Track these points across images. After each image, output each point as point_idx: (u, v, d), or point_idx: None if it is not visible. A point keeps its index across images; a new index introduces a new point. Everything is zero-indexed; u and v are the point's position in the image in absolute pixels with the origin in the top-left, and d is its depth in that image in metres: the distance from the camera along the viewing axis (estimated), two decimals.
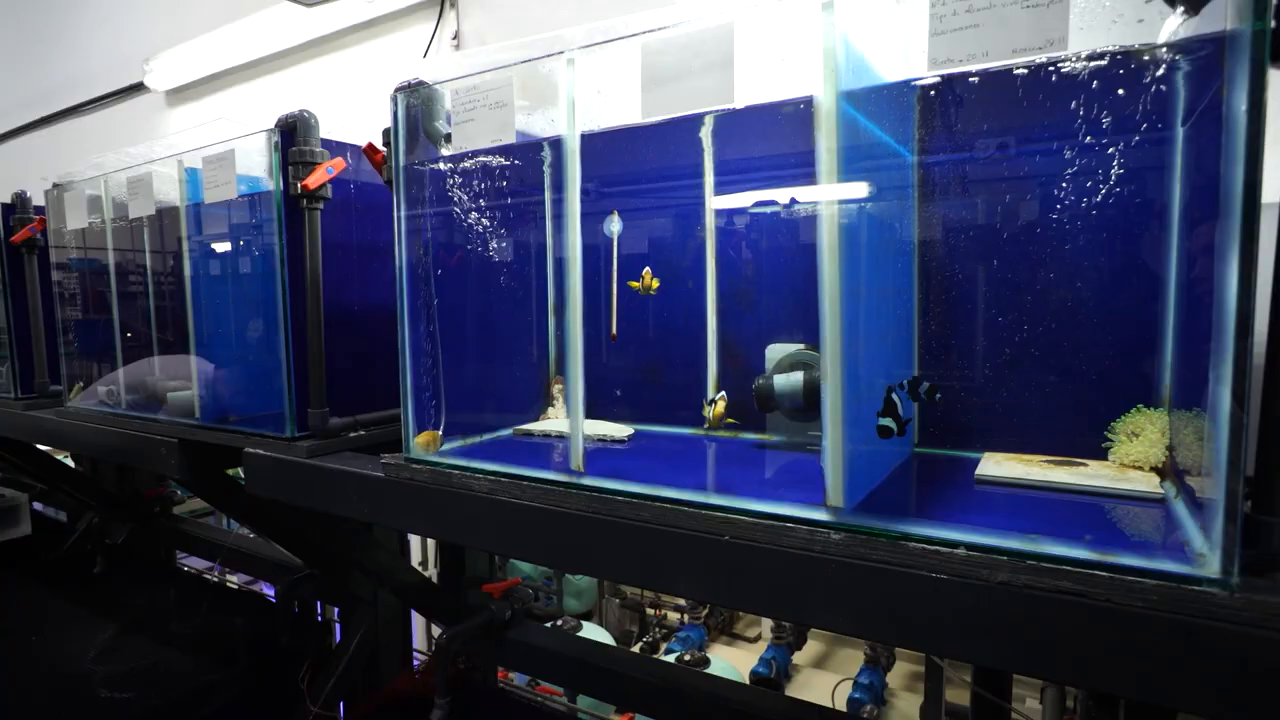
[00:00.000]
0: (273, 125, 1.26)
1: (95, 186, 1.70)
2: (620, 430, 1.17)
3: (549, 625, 2.97)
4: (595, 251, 1.27)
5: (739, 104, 0.85)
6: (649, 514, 0.87)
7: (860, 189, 0.86)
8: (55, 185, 1.79)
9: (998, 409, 1.11)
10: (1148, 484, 0.89)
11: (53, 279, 1.92)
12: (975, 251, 1.12)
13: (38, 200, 1.93)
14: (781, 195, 1.23)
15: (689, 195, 1.27)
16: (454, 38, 2.53)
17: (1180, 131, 0.93)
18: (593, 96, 0.98)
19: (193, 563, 3.00)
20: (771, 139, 1.17)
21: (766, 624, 4.20)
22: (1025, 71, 0.94)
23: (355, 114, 2.71)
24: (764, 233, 1.29)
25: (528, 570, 4.04)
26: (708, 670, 2.65)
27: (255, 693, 1.91)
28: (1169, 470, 0.92)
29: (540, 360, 1.27)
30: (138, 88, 3.78)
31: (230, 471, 1.57)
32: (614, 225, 1.16)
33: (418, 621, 2.51)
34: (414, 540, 2.73)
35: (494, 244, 1.19)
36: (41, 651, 2.05)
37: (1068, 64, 0.89)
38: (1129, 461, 0.96)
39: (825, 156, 0.78)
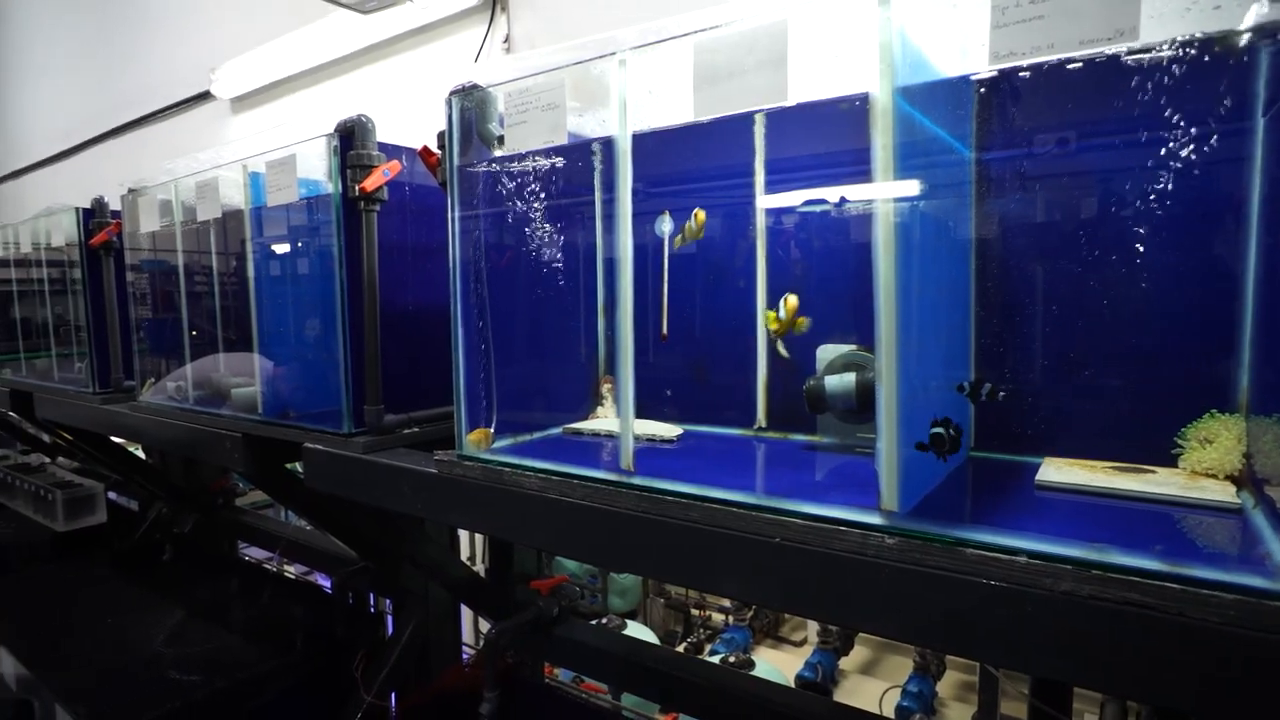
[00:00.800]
0: (332, 130, 1.30)
1: (166, 191, 1.78)
2: (669, 430, 1.17)
3: (594, 623, 2.99)
4: (643, 251, 1.28)
5: (791, 101, 0.85)
6: (698, 514, 0.87)
7: (916, 186, 0.84)
8: (130, 190, 1.88)
9: (1059, 413, 1.07)
10: (1223, 493, 0.85)
11: (127, 280, 2.02)
12: (1036, 249, 1.08)
13: (115, 205, 2.02)
14: (833, 194, 1.21)
15: (739, 194, 1.26)
16: (504, 41, 2.56)
17: (1260, 122, 0.89)
18: (644, 97, 0.98)
19: (253, 553, 3.11)
20: (823, 137, 1.15)
21: (812, 628, 4.15)
22: (1090, 64, 0.91)
23: (409, 118, 2.77)
24: (815, 232, 1.27)
25: (573, 568, 4.08)
26: (752, 673, 2.64)
27: (312, 680, 1.97)
28: (1246, 479, 0.88)
29: (589, 359, 1.28)
30: (204, 96, 3.93)
31: (289, 466, 1.62)
32: (665, 225, 1.16)
33: (465, 616, 2.55)
34: (462, 535, 2.77)
35: (544, 244, 1.21)
36: (118, 633, 2.15)
37: (1139, 55, 0.86)
38: (1201, 469, 0.92)
39: (881, 154, 0.77)
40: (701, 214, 1.14)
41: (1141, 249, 0.99)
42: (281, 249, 1.52)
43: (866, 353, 1.15)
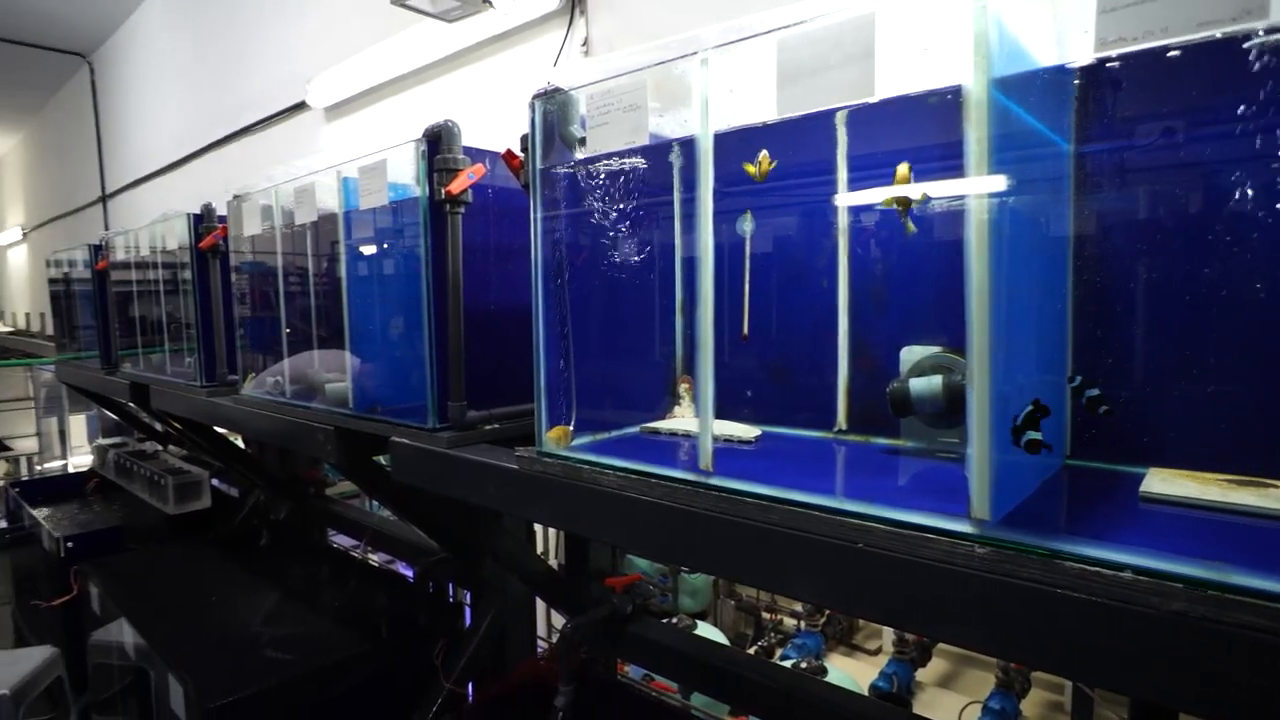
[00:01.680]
0: (420, 135, 1.35)
1: (267, 197, 1.88)
2: (748, 431, 1.16)
3: (665, 622, 2.99)
4: (720, 250, 1.27)
5: (878, 97, 0.83)
6: (778, 517, 0.86)
7: (1011, 181, 0.80)
8: (235, 196, 2.00)
9: (1165, 421, 1.00)
10: None
11: (231, 280, 2.15)
12: (1141, 247, 1.02)
13: (221, 210, 2.16)
14: (915, 190, 1.18)
15: (821, 192, 1.24)
16: (583, 44, 2.60)
17: None
18: (725, 96, 0.98)
19: (340, 540, 3.26)
20: (910, 132, 1.12)
21: (888, 636, 4.04)
22: (1207, 46, 0.85)
23: (490, 121, 2.85)
24: (898, 230, 1.23)
25: (643, 566, 4.10)
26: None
27: (395, 666, 2.05)
28: None
29: (667, 359, 1.28)
30: (300, 106, 4.15)
31: (377, 458, 1.69)
32: (746, 225, 1.15)
33: (538, 609, 2.60)
34: (538, 530, 2.83)
35: (624, 244, 1.22)
36: (220, 611, 2.30)
37: (1262, 36, 0.80)
38: None
39: (974, 148, 0.74)
40: (765, 158, 1.09)
41: (1261, 245, 0.92)
42: (372, 250, 1.59)
43: (954, 355, 1.11)
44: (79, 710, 2.92)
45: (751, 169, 1.12)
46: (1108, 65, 0.97)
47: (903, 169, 1.04)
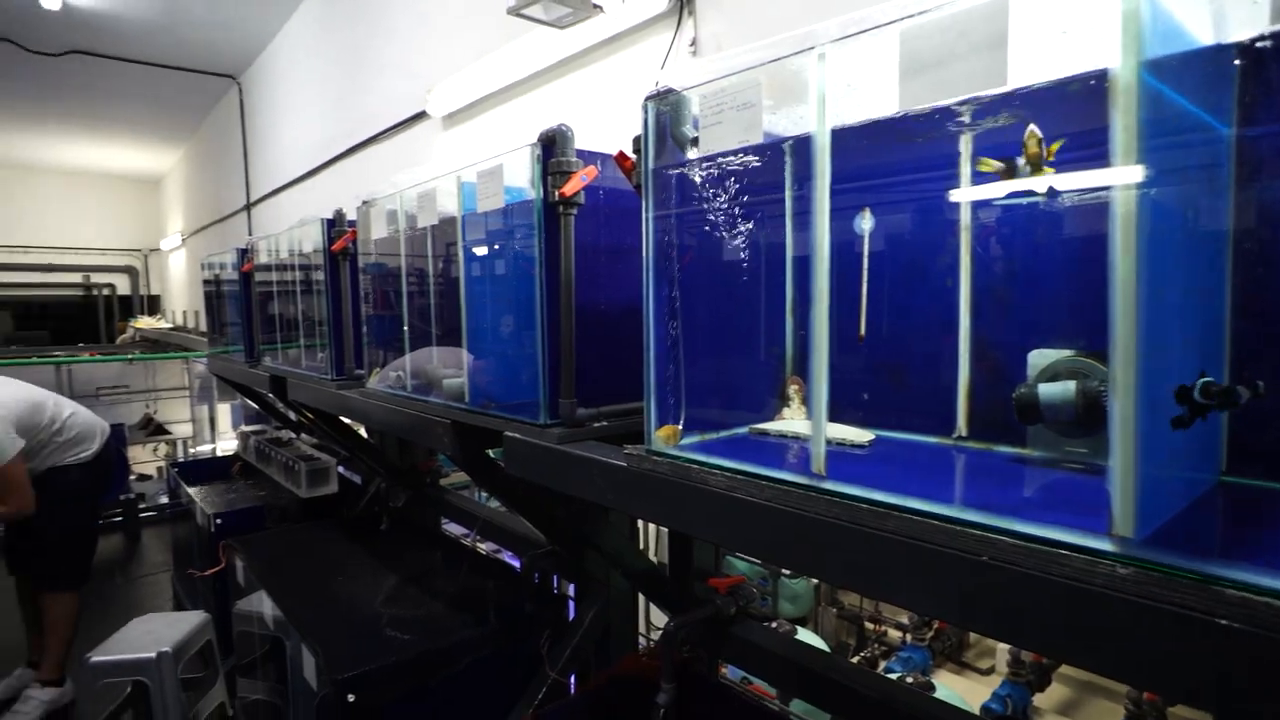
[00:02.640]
0: (535, 140, 1.39)
1: (392, 202, 2.00)
2: (861, 435, 1.13)
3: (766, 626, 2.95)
4: (833, 249, 1.23)
5: (1010, 86, 0.78)
6: (895, 525, 0.83)
7: (1162, 171, 0.74)
8: (364, 202, 2.13)
9: None
10: None
11: (359, 280, 2.30)
12: None
13: (351, 214, 2.31)
14: (1040, 184, 1.10)
15: (942, 187, 1.18)
16: (691, 44, 2.60)
17: None
18: (842, 91, 0.95)
19: (452, 528, 3.42)
20: (1042, 122, 1.05)
21: (1001, 656, 3.80)
22: None
23: (598, 124, 2.90)
24: (1027, 226, 1.16)
25: (742, 568, 4.06)
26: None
27: (503, 652, 2.13)
28: None
29: (777, 360, 1.26)
30: (421, 115, 4.39)
31: (489, 451, 1.76)
32: (865, 223, 1.11)
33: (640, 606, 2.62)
34: (640, 526, 2.86)
35: (734, 243, 1.21)
36: (345, 590, 2.46)
37: None
38: None
39: (1122, 136, 0.69)
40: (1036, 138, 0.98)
41: None
42: (489, 252, 1.66)
43: (1088, 359, 1.03)
44: (225, 672, 3.21)
45: (1033, 150, 0.98)
46: (1275, 41, 0.88)
47: (1031, 144, 0.95)
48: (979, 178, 1.16)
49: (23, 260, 12.48)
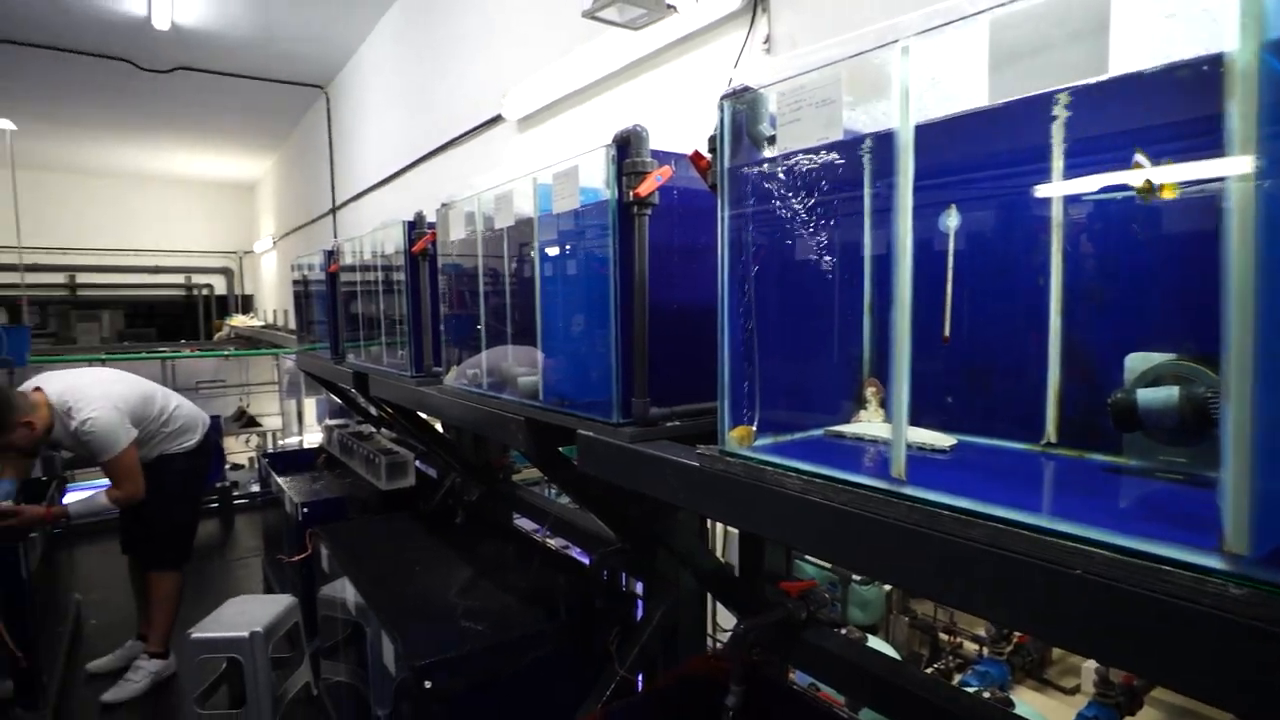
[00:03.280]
0: (610, 141, 1.40)
1: (470, 204, 2.05)
2: (942, 439, 1.09)
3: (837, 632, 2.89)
4: (914, 247, 1.20)
5: (1111, 73, 0.74)
6: (980, 534, 0.80)
7: None
8: (443, 204, 2.20)
9: None
10: None
11: (438, 280, 2.37)
12: None
13: (430, 217, 2.39)
14: (1136, 178, 1.04)
15: (1031, 182, 1.13)
16: (765, 42, 2.57)
17: None
18: (926, 85, 0.92)
19: (522, 523, 3.49)
20: (1144, 111, 0.99)
21: (1087, 675, 3.61)
22: None
23: (671, 124, 2.91)
24: (1125, 222, 1.10)
25: (811, 572, 3.99)
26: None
27: (572, 647, 2.16)
28: None
29: (853, 361, 1.23)
30: (496, 119, 4.49)
31: (562, 449, 1.79)
32: (951, 220, 1.08)
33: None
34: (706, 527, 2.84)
35: (811, 242, 1.19)
36: (421, 580, 2.55)
37: None
38: None
39: (1239, 124, 0.64)
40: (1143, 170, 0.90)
41: None
42: (563, 252, 1.68)
43: (1193, 364, 0.97)
44: (310, 654, 3.37)
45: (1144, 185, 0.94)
46: None
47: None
48: (1073, 171, 1.10)
49: (133, 263, 13.43)
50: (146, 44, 6.79)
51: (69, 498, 3.61)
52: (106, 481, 3.41)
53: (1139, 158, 0.91)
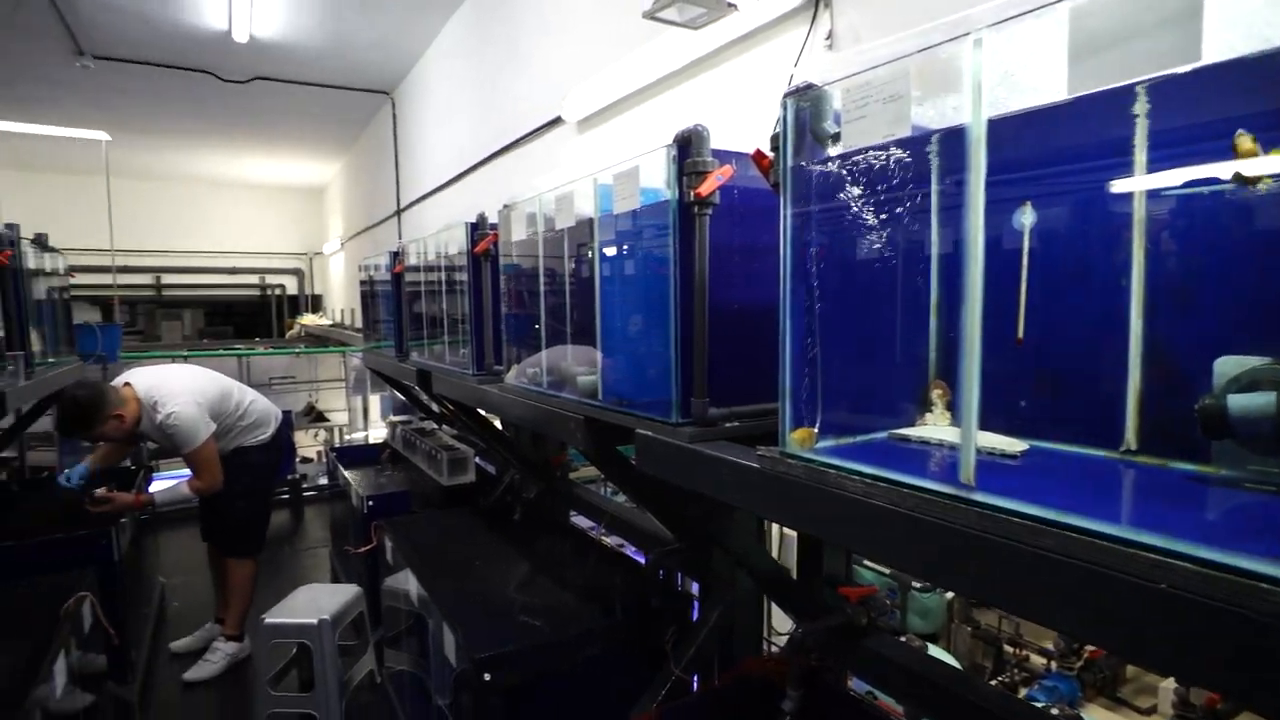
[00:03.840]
0: (670, 140, 1.41)
1: (531, 205, 2.09)
2: (1012, 444, 1.05)
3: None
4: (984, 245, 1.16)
5: (1207, 60, 0.70)
6: (1054, 543, 0.77)
7: None
8: (505, 206, 2.24)
9: None
10: None
11: (499, 281, 2.41)
12: None
13: (492, 218, 2.43)
14: (1225, 170, 0.98)
15: (1112, 177, 1.08)
16: (827, 38, 2.53)
17: None
18: (998, 78, 0.89)
19: (578, 521, 3.52)
20: (1241, 100, 0.94)
21: (1165, 694, 3.43)
22: None
23: (731, 123, 2.89)
24: (1214, 217, 1.04)
25: (869, 578, 3.91)
26: None
27: (628, 645, 2.17)
28: None
29: (918, 363, 1.20)
30: (556, 121, 4.55)
31: (620, 448, 1.80)
32: (1025, 217, 1.04)
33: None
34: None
35: (875, 241, 1.17)
36: (481, 575, 2.60)
37: None
38: None
39: None
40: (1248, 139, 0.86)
41: None
42: (623, 252, 1.69)
43: None
44: (374, 642, 3.48)
45: (1247, 146, 0.90)
46: None
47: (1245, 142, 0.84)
48: (1157, 165, 1.05)
49: (212, 264, 14.13)
50: (227, 56, 7.14)
51: (154, 486, 3.81)
52: (188, 472, 3.60)
53: (1242, 139, 0.86)
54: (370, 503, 3.67)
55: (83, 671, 2.24)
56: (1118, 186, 1.06)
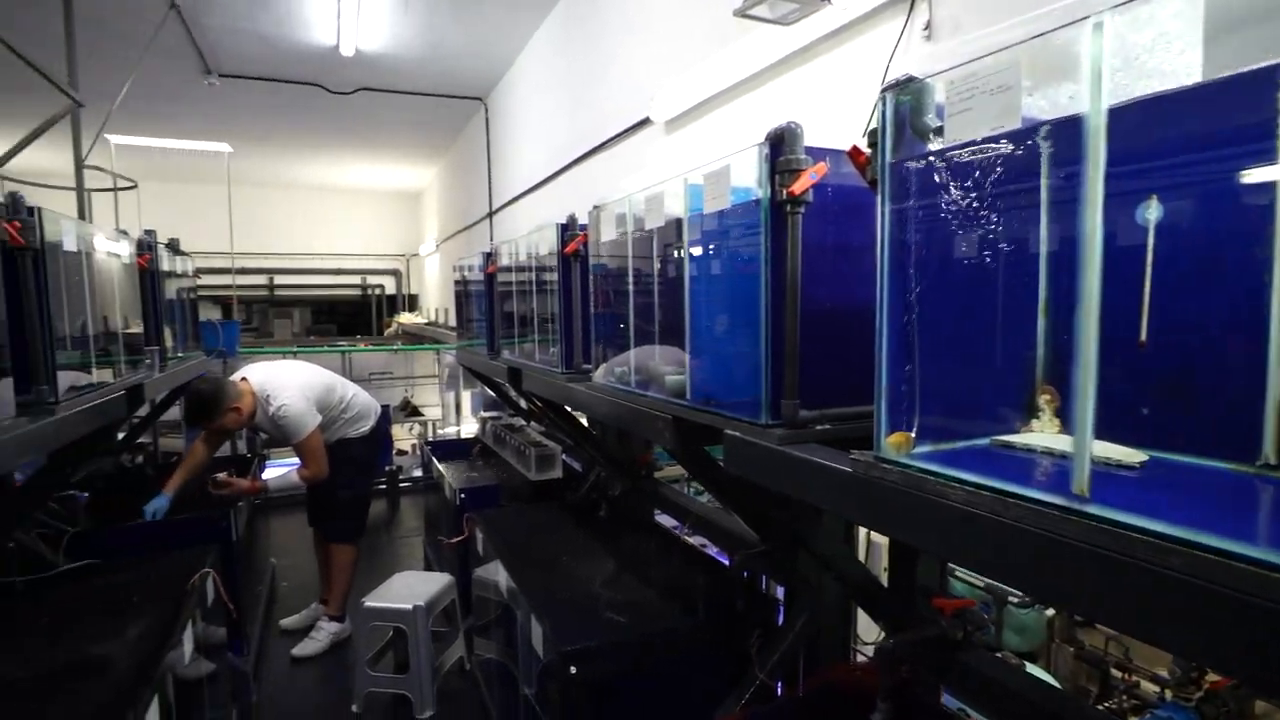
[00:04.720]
0: (762, 139, 1.39)
1: (621, 206, 2.11)
2: (1130, 455, 0.99)
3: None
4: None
5: None
6: (1181, 563, 0.71)
7: None
8: (595, 206, 2.27)
9: None
10: None
11: (589, 281, 2.45)
12: None
13: (582, 219, 2.47)
14: None
15: (1238, 166, 0.99)
16: (925, 29, 2.44)
17: None
18: (1118, 66, 0.84)
19: (662, 520, 3.54)
20: None
21: None
22: None
23: (823, 120, 2.83)
24: None
25: (961, 590, 3.74)
26: None
27: (712, 646, 2.16)
28: None
29: (1025, 367, 1.14)
30: (644, 122, 4.58)
31: (707, 448, 1.79)
32: (1151, 212, 0.97)
33: None
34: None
35: (978, 238, 1.12)
36: (567, 569, 2.65)
37: None
38: None
39: None
40: None
41: None
42: (713, 252, 1.69)
43: None
44: (464, 630, 3.61)
45: None
46: None
47: None
48: None
49: (318, 265, 15.02)
50: (334, 69, 7.58)
51: (266, 474, 4.08)
52: (298, 461, 3.84)
53: None
54: (462, 495, 3.80)
55: (205, 642, 2.43)
56: (1258, 175, 0.97)
